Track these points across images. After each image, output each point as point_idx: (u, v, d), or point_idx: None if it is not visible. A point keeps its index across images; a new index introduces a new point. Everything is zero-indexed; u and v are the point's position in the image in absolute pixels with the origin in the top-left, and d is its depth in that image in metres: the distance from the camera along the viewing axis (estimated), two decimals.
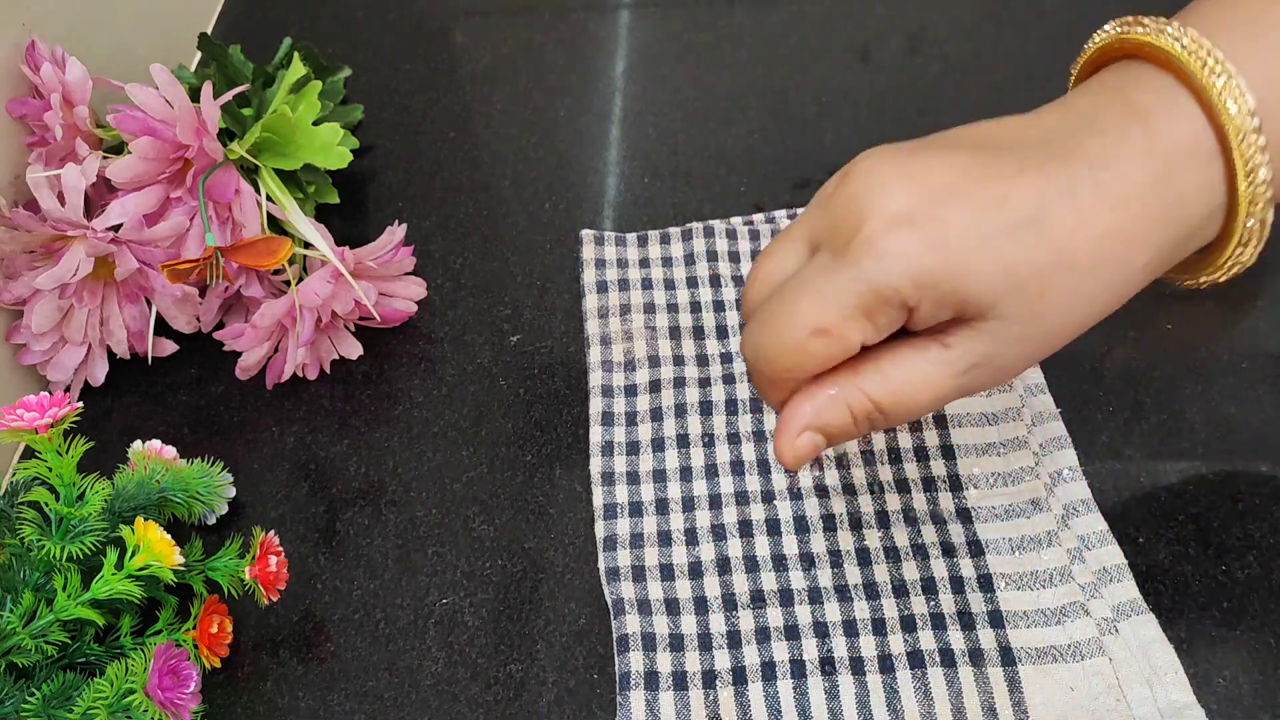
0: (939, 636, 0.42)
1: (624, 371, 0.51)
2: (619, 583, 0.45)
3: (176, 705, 0.39)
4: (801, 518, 0.46)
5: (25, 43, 0.51)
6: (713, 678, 0.42)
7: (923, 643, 0.42)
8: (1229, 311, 0.54)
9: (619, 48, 0.67)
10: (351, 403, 0.53)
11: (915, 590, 0.43)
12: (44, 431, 0.40)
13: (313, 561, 0.48)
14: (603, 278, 0.54)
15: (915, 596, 0.43)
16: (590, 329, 0.53)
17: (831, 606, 0.44)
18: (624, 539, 0.46)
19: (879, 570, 0.44)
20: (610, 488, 0.48)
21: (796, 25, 0.67)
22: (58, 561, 0.40)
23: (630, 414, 0.50)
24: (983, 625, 0.42)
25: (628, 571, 0.45)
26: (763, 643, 0.43)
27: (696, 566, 0.45)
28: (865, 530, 0.45)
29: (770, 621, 0.43)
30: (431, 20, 0.70)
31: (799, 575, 0.44)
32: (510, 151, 0.62)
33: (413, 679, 0.45)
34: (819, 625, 0.43)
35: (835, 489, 0.47)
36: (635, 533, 0.46)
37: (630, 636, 0.43)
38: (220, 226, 0.50)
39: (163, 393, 0.53)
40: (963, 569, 0.44)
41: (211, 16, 0.69)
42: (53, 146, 0.50)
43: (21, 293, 0.50)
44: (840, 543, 0.45)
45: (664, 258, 0.55)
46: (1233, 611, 0.43)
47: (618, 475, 0.48)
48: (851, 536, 0.45)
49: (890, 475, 0.47)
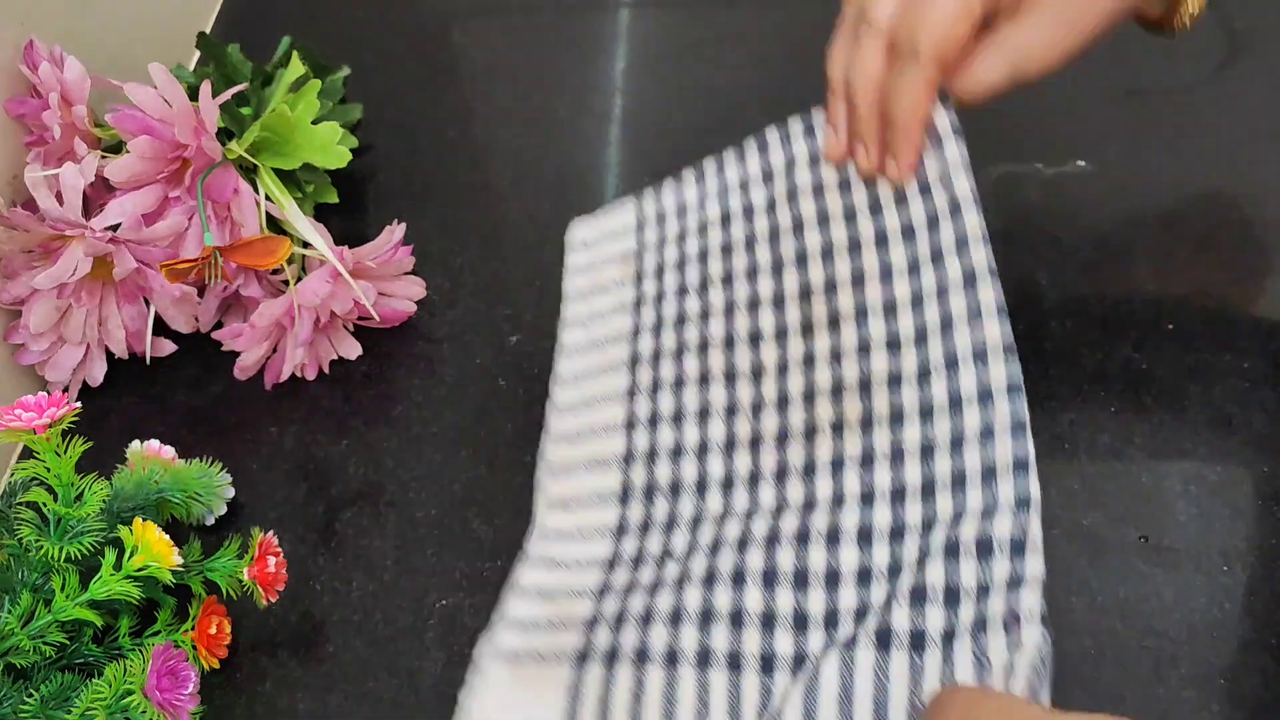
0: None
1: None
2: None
3: (175, 706, 0.39)
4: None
5: (24, 42, 0.51)
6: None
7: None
8: (1233, 311, 0.54)
9: (619, 48, 0.67)
10: (351, 403, 0.53)
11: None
12: (42, 432, 0.40)
13: (311, 562, 0.48)
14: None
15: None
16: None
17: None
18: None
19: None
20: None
21: (796, 25, 0.67)
22: (56, 562, 0.40)
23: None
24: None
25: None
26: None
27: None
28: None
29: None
30: (431, 20, 0.70)
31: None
32: (510, 151, 0.62)
33: (413, 679, 0.44)
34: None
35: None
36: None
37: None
38: (219, 226, 0.50)
39: (161, 393, 0.53)
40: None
41: (210, 16, 0.69)
42: (51, 146, 0.50)
43: (20, 293, 0.49)
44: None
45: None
46: (1233, 612, 0.43)
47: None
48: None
49: None
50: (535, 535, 0.46)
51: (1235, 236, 0.56)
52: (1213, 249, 0.55)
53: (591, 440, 0.48)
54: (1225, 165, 0.58)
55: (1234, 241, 0.56)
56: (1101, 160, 0.57)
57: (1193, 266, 0.55)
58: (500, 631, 0.43)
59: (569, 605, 0.43)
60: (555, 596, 0.44)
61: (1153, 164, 0.58)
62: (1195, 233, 0.56)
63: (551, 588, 0.44)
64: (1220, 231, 0.56)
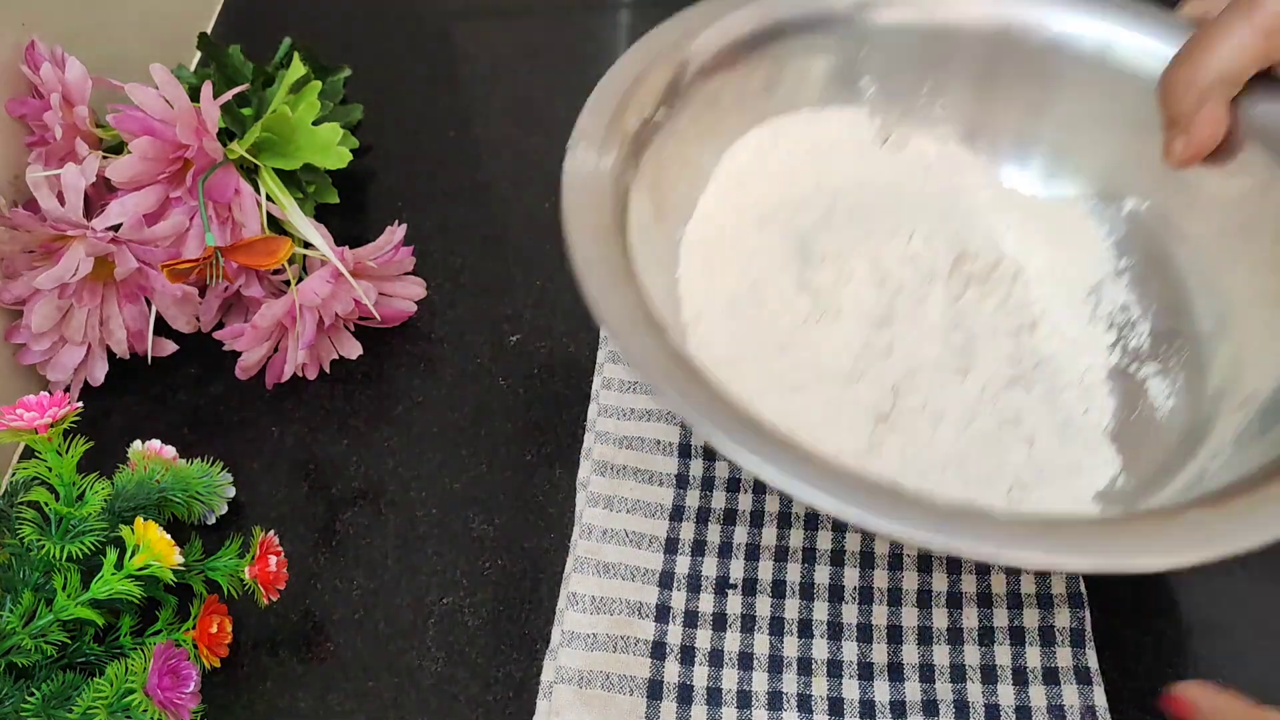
0: None
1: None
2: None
3: (176, 705, 0.39)
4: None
5: (25, 43, 0.51)
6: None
7: None
8: None
9: (619, 48, 0.67)
10: (351, 403, 0.53)
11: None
12: (44, 431, 0.40)
13: (312, 561, 0.48)
14: None
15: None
16: None
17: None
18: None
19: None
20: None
21: None
22: (57, 561, 0.40)
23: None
24: None
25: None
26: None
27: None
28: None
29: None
30: (431, 20, 0.70)
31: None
32: (510, 151, 0.62)
33: (413, 679, 0.45)
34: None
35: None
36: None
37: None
38: (220, 226, 0.50)
39: (162, 392, 0.53)
40: None
41: (211, 16, 0.69)
42: (52, 146, 0.50)
43: (21, 292, 0.50)
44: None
45: None
46: (1233, 612, 0.43)
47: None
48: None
49: None
50: (579, 534, 0.45)
51: None
52: None
53: (641, 452, 0.47)
54: None
55: None
56: None
57: None
58: (563, 651, 0.42)
59: (629, 624, 0.43)
60: (613, 609, 0.43)
61: None
62: None
63: (607, 598, 0.44)
64: None
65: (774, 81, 0.45)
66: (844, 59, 0.45)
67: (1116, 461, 0.41)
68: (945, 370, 0.40)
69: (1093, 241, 0.46)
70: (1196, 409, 0.42)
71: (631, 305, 0.35)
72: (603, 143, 0.39)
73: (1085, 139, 0.46)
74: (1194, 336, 0.43)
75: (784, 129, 0.46)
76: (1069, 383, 0.42)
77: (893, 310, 0.39)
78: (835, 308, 0.40)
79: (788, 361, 0.40)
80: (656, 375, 0.34)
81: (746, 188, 0.44)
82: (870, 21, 0.45)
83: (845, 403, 0.39)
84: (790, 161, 0.45)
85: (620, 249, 0.37)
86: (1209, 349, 0.43)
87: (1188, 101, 0.40)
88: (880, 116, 0.47)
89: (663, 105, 0.41)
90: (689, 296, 0.42)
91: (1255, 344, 0.41)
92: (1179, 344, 0.43)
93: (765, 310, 0.41)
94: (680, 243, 0.43)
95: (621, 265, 0.37)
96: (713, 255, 0.43)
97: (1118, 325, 0.45)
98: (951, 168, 0.47)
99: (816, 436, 0.38)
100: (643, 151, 0.40)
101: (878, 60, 0.45)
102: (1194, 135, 0.41)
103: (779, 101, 0.45)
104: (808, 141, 0.46)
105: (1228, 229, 0.43)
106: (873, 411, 0.39)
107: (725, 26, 0.43)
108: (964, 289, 0.41)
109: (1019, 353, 0.41)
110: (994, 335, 0.41)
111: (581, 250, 0.36)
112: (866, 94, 0.46)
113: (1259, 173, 0.41)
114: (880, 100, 0.46)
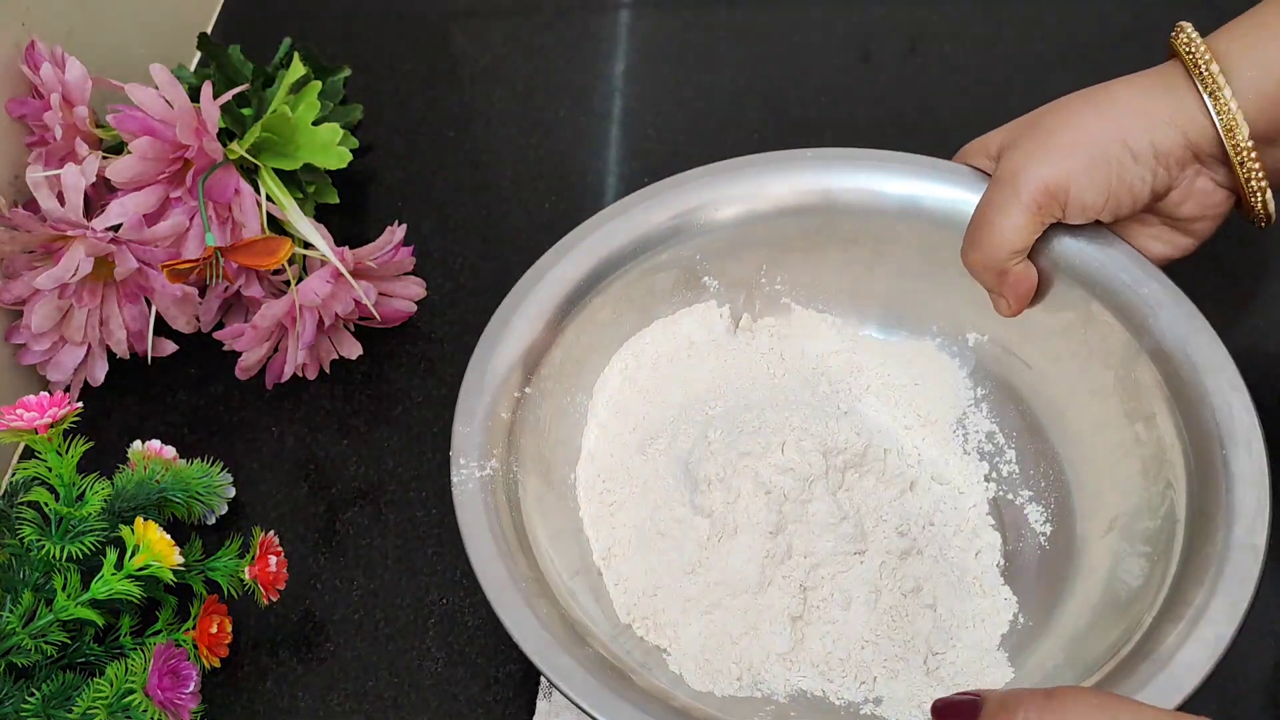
0: None
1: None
2: None
3: (176, 705, 0.39)
4: None
5: (25, 43, 0.51)
6: None
7: None
8: (1229, 312, 0.54)
9: (619, 48, 0.67)
10: (351, 403, 0.53)
11: None
12: (44, 431, 0.40)
13: (313, 561, 0.48)
14: None
15: None
16: None
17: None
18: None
19: None
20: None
21: (796, 25, 0.67)
22: (57, 561, 0.40)
23: None
24: None
25: None
26: None
27: None
28: None
29: None
30: (431, 20, 0.70)
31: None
32: (510, 151, 0.62)
33: (413, 679, 0.45)
34: None
35: None
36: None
37: None
38: (220, 226, 0.50)
39: (162, 393, 0.53)
40: None
41: (211, 16, 0.69)
42: (52, 146, 0.50)
43: (21, 293, 0.50)
44: None
45: None
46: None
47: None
48: None
49: None
50: None
51: (1233, 237, 0.56)
52: (1210, 249, 0.55)
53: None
54: None
55: (1232, 242, 0.56)
56: None
57: (1191, 266, 0.55)
58: None
59: None
60: None
61: None
62: None
63: None
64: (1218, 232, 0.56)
65: (621, 310, 0.48)
66: (682, 267, 0.48)
67: (1014, 601, 0.44)
68: (843, 557, 0.43)
69: (950, 374, 0.49)
70: (1070, 532, 0.44)
71: (545, 621, 0.38)
72: (482, 447, 0.42)
73: (919, 284, 0.49)
74: (1055, 459, 0.46)
75: (643, 346, 0.49)
76: (957, 529, 0.45)
77: (783, 516, 0.42)
78: (732, 525, 0.43)
79: (700, 584, 0.42)
80: (580, 690, 0.36)
81: (623, 416, 0.47)
82: (695, 226, 0.48)
83: (761, 610, 0.42)
84: (655, 376, 0.48)
85: (522, 557, 0.40)
86: (1069, 472, 0.46)
87: (990, 278, 0.44)
88: (728, 304, 0.50)
89: (528, 382, 0.44)
90: (595, 535, 0.45)
91: (1106, 466, 0.44)
92: (1044, 467, 0.46)
93: (669, 538, 0.43)
94: (575, 485, 0.46)
95: (530, 577, 0.39)
96: (609, 491, 0.46)
97: (988, 455, 0.47)
98: (806, 332, 0.50)
99: (742, 649, 0.42)
100: (521, 431, 0.44)
101: (713, 257, 0.49)
102: (1010, 297, 0.45)
103: (632, 323, 0.49)
104: (668, 350, 0.49)
105: (1063, 356, 0.46)
106: (786, 612, 0.42)
107: (560, 277, 0.47)
108: (843, 476, 0.44)
109: (906, 520, 0.44)
110: (879, 511, 0.44)
111: (487, 573, 0.39)
112: (711, 289, 0.49)
113: (1079, 307, 0.45)
114: (724, 291, 0.50)
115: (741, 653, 0.41)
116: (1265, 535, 0.38)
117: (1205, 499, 0.39)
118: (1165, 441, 0.42)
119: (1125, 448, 0.43)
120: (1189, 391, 0.41)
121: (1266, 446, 0.39)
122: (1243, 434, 0.39)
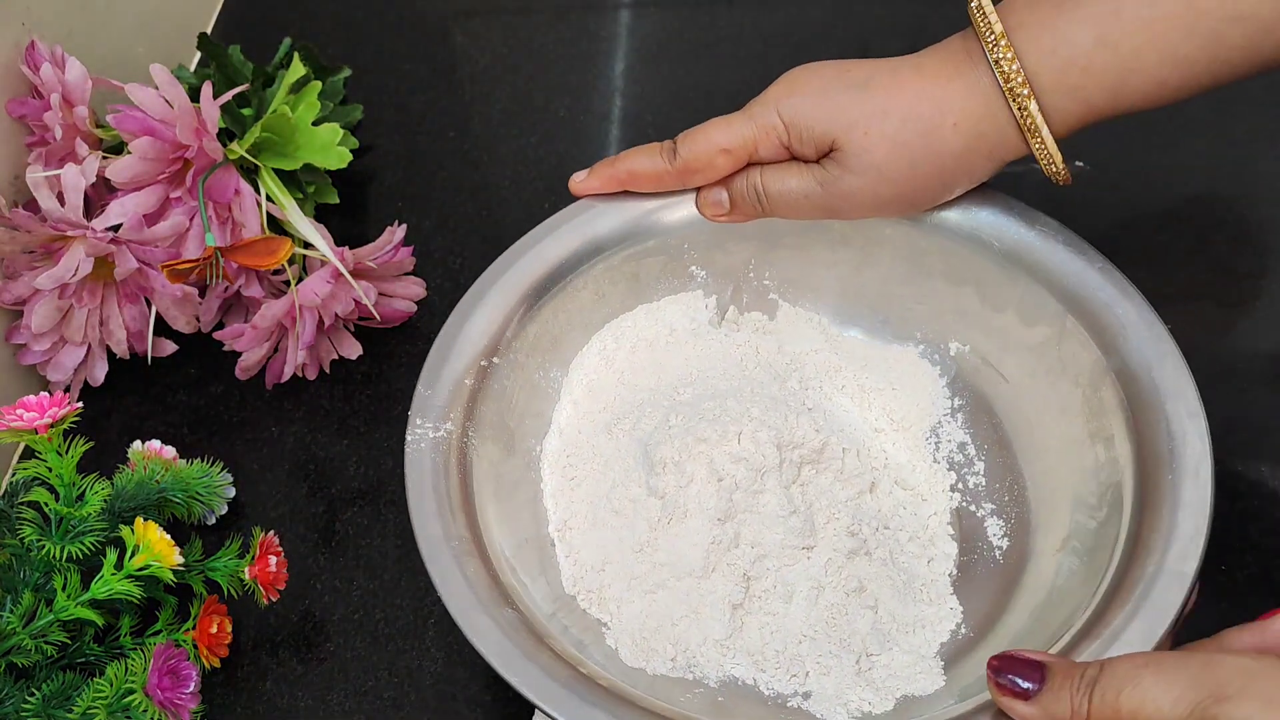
0: None
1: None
2: None
3: (176, 705, 0.39)
4: None
5: (25, 43, 0.51)
6: None
7: None
8: (1229, 312, 0.54)
9: (619, 48, 0.67)
10: (351, 403, 0.53)
11: None
12: (44, 431, 0.40)
13: (312, 561, 0.48)
14: None
15: None
16: None
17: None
18: None
19: None
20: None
21: (796, 25, 0.67)
22: (57, 561, 0.40)
23: None
24: None
25: None
26: None
27: None
28: None
29: None
30: (431, 20, 0.70)
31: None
32: (510, 151, 0.63)
33: (413, 679, 0.45)
34: None
35: None
36: None
37: None
38: (220, 226, 0.50)
39: (162, 393, 0.53)
40: None
41: (211, 16, 0.69)
42: (52, 146, 0.50)
43: (21, 293, 0.50)
44: None
45: None
46: (1232, 612, 0.43)
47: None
48: None
49: None
50: None
51: (1231, 236, 0.56)
52: (1209, 249, 0.56)
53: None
54: (1221, 166, 0.58)
55: (1230, 241, 0.56)
56: (1098, 160, 0.57)
57: (1188, 266, 0.55)
58: None
59: None
60: None
61: (1149, 164, 0.58)
62: (1191, 232, 0.56)
63: None
64: (1216, 232, 0.56)
65: (604, 291, 0.48)
66: (669, 254, 0.49)
67: (959, 611, 0.44)
68: (790, 551, 0.43)
69: (929, 382, 0.49)
70: (1025, 549, 0.45)
71: (472, 579, 0.39)
72: (440, 410, 0.43)
73: (905, 289, 0.49)
74: (1019, 475, 0.46)
75: (624, 329, 0.49)
76: (913, 535, 0.45)
77: (733, 505, 0.43)
78: (682, 509, 0.43)
79: (647, 563, 0.43)
80: (492, 649, 0.38)
81: (595, 395, 0.48)
82: (681, 214, 0.48)
83: (703, 594, 0.42)
84: (633, 360, 0.49)
85: (463, 517, 0.41)
86: (1031, 490, 0.46)
87: (700, 155, 0.46)
88: (714, 295, 0.50)
89: (496, 353, 0.45)
90: (554, 508, 0.46)
91: (1066, 486, 0.44)
92: (1009, 482, 0.46)
93: (622, 516, 0.44)
94: (541, 457, 0.47)
95: (465, 538, 0.40)
96: (572, 465, 0.46)
97: (957, 465, 0.47)
98: (790, 329, 0.50)
99: (680, 630, 0.42)
100: (484, 398, 0.44)
101: (700, 247, 0.49)
102: (704, 180, 0.46)
103: (615, 305, 0.49)
104: (649, 335, 0.49)
105: (1037, 372, 0.46)
106: (727, 599, 0.42)
107: (543, 254, 0.47)
108: (799, 471, 0.44)
109: (859, 520, 0.44)
110: (832, 509, 0.44)
111: (423, 529, 0.40)
112: (699, 278, 0.50)
113: (1054, 322, 0.45)
114: (711, 281, 0.50)
115: (680, 634, 0.42)
116: (1196, 563, 0.37)
117: (1146, 523, 0.39)
118: (1120, 464, 0.42)
119: (1085, 469, 0.43)
120: (1148, 414, 0.41)
121: (1213, 476, 0.39)
122: (1193, 461, 0.39)
